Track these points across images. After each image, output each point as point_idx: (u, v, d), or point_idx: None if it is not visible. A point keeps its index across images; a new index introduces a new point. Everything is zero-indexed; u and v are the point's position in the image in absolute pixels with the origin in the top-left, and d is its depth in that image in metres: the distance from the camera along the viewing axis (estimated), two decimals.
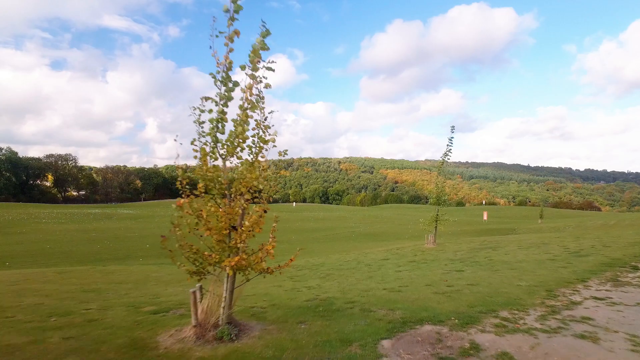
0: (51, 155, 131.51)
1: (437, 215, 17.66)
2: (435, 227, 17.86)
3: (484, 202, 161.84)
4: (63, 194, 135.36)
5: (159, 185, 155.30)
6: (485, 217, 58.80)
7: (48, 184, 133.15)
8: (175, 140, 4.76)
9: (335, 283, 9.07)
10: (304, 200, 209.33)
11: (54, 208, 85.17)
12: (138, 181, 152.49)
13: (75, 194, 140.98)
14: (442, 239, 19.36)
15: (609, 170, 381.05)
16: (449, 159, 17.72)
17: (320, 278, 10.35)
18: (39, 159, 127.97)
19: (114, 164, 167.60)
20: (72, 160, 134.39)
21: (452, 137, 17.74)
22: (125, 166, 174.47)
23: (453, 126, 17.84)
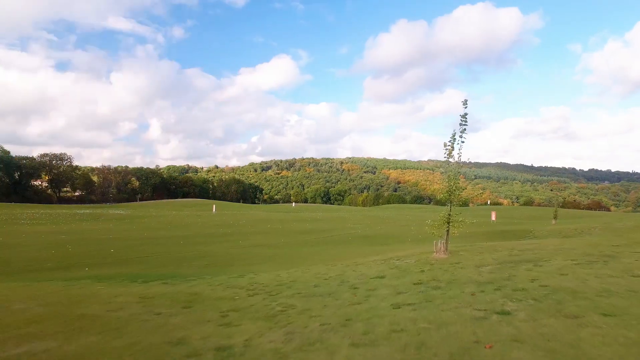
0: (45, 155, 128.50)
1: (450, 215, 13.50)
2: (447, 230, 13.68)
3: (488, 202, 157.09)
4: (58, 194, 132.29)
5: (157, 185, 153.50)
6: (493, 218, 54.67)
7: (45, 184, 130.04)
8: None
9: (281, 337, 5.02)
10: (305, 201, 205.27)
11: (42, 208, 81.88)
12: (135, 181, 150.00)
13: (76, 194, 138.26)
14: (453, 244, 15.22)
15: (613, 170, 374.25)
16: (463, 141, 13.71)
17: (267, 318, 6.28)
18: (32, 159, 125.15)
19: (117, 165, 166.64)
20: (67, 159, 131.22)
21: (466, 114, 13.88)
22: (127, 166, 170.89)
23: (465, 99, 13.97)
